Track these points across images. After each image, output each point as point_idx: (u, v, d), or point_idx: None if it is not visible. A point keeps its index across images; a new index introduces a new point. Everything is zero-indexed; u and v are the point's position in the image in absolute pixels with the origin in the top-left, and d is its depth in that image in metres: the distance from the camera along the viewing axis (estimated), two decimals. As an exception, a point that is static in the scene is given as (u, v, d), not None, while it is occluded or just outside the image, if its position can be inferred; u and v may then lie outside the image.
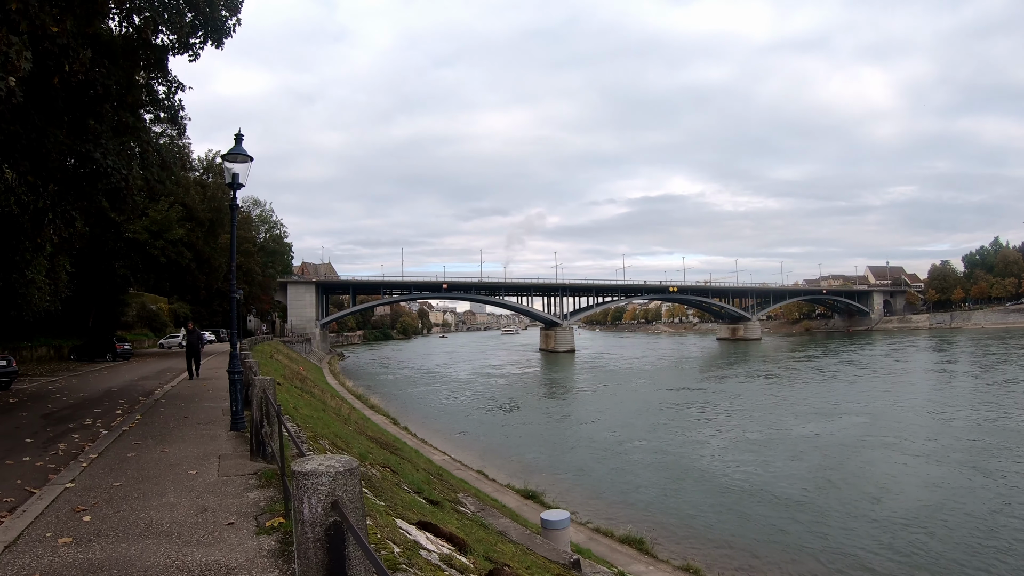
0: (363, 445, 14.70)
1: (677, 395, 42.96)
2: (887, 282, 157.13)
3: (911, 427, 28.55)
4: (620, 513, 17.10)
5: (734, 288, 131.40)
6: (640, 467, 22.74)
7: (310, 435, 10.97)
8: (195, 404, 14.32)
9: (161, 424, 11.21)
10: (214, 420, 11.60)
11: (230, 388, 10.60)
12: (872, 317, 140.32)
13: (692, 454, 24.58)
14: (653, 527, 15.70)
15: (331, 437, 12.97)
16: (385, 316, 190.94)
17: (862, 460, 23.12)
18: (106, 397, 16.62)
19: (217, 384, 18.46)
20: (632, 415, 34.57)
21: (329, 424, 16.19)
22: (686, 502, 18.40)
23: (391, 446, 18.04)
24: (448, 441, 26.52)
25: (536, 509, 15.00)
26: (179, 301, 72.99)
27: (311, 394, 24.60)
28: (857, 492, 19.05)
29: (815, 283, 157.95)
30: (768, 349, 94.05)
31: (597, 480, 21.05)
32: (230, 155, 10.50)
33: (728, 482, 20.40)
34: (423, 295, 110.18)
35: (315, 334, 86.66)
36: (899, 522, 16.25)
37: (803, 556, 14.34)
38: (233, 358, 10.56)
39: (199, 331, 23.10)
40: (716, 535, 15.74)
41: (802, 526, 16.27)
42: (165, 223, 37.66)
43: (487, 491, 16.42)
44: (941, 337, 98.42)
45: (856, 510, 17.37)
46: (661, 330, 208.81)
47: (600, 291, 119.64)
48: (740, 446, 25.84)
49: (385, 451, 16.04)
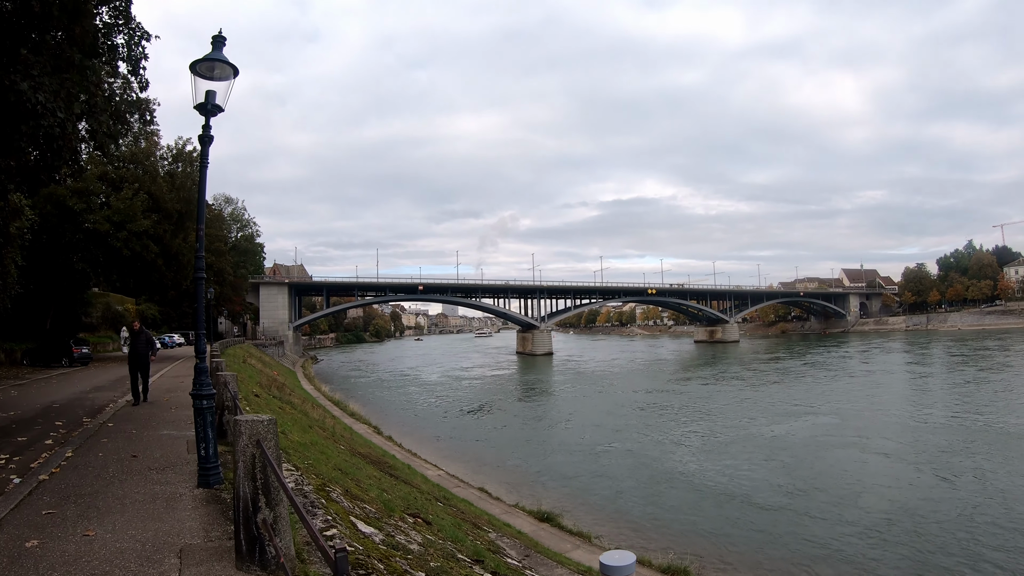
0: (374, 479, 12.27)
1: (672, 399, 41.87)
2: (862, 284, 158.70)
3: (901, 428, 28.56)
4: (644, 532, 15.98)
5: (712, 290, 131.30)
6: (649, 478, 21.44)
7: (316, 482, 8.30)
8: (151, 431, 11.28)
9: (97, 470, 7.89)
10: (175, 463, 8.33)
11: (195, 422, 7.01)
12: (848, 319, 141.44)
13: (708, 465, 22.96)
14: (685, 546, 14.44)
15: (338, 478, 10.14)
16: (358, 319, 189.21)
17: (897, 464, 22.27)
18: (42, 416, 13.69)
19: (182, 399, 15.59)
20: (626, 421, 33.27)
21: (325, 451, 13.49)
22: (710, 516, 17.19)
23: (385, 465, 16.28)
24: (436, 452, 24.65)
25: (554, 534, 13.58)
26: (147, 302, 69.94)
27: (291, 404, 22.44)
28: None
29: (791, 285, 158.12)
30: (748, 351, 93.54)
31: (606, 494, 19.59)
32: (205, 62, 6.81)
33: (740, 489, 19.55)
34: (399, 297, 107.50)
35: (288, 337, 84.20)
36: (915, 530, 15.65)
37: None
38: (200, 374, 7.02)
39: (148, 333, 16.07)
40: (747, 550, 14.82)
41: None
42: (129, 213, 34.41)
43: (495, 513, 14.74)
44: (918, 339, 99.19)
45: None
46: (636, 333, 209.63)
47: (578, 293, 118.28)
48: (746, 451, 24.89)
49: (382, 473, 14.33)
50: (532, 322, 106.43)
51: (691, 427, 30.56)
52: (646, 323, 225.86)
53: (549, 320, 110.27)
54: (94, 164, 38.29)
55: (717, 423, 31.29)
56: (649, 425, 31.48)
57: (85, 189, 35.66)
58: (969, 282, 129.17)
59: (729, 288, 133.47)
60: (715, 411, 35.30)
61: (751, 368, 63.92)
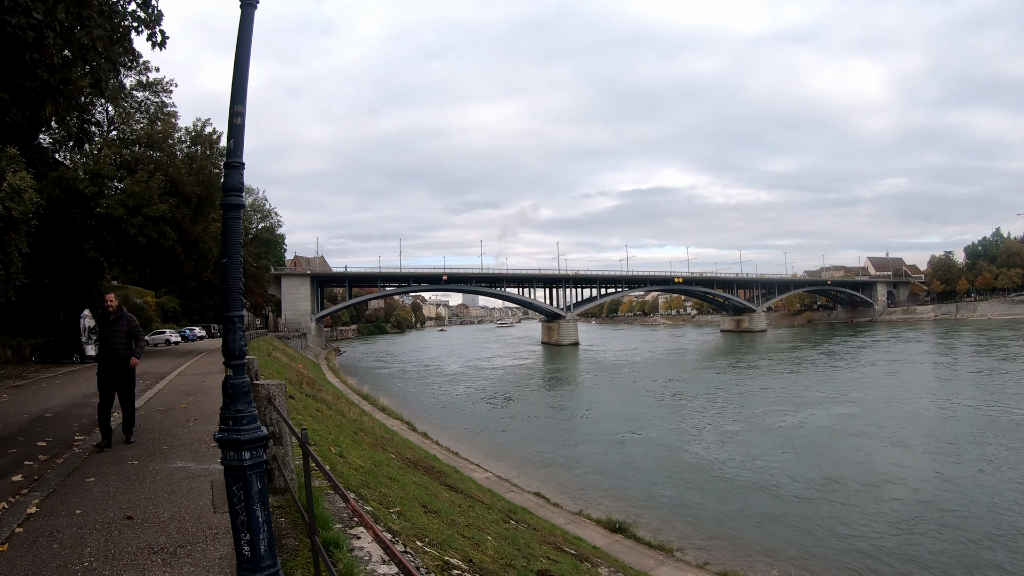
0: (457, 506, 9.89)
1: (710, 389, 40.58)
2: (888, 273, 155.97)
3: (933, 418, 27.74)
4: (719, 538, 14.75)
5: (739, 279, 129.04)
6: (706, 474, 20.35)
7: (412, 534, 5.57)
8: (159, 461, 8.05)
9: (63, 554, 4.87)
10: (192, 538, 5.24)
11: (229, 494, 3.98)
12: (876, 308, 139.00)
13: (769, 462, 21.59)
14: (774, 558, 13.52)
15: (423, 530, 7.40)
16: (379, 310, 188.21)
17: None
18: (27, 431, 10.77)
19: (205, 406, 12.83)
20: (667, 413, 32.03)
21: (393, 474, 11.05)
22: (791, 522, 16.03)
23: (434, 471, 14.98)
24: (476, 449, 23.26)
25: (631, 547, 12.56)
26: (167, 294, 67.97)
27: (326, 404, 20.41)
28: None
29: (816, 274, 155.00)
30: (777, 341, 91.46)
31: (669, 495, 18.36)
32: None
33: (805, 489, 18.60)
34: (422, 287, 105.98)
35: (310, 328, 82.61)
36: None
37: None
38: (237, 397, 4.13)
39: (132, 319, 10.05)
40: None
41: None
42: (145, 196, 31.62)
43: (559, 523, 13.52)
44: (948, 328, 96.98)
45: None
46: (659, 322, 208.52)
47: (603, 282, 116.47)
48: (807, 445, 23.85)
49: (440, 485, 12.91)
50: (558, 311, 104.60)
51: (736, 419, 29.47)
52: (669, 312, 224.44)
53: (574, 309, 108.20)
54: (107, 146, 35.91)
55: (764, 414, 30.24)
56: (691, 416, 30.63)
57: (97, 172, 33.19)
58: (998, 270, 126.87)
59: (755, 277, 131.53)
60: (761, 401, 34.37)
61: (785, 358, 62.00)
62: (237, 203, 4.07)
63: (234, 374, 4.09)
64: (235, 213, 4.04)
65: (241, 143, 4.04)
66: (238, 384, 4.07)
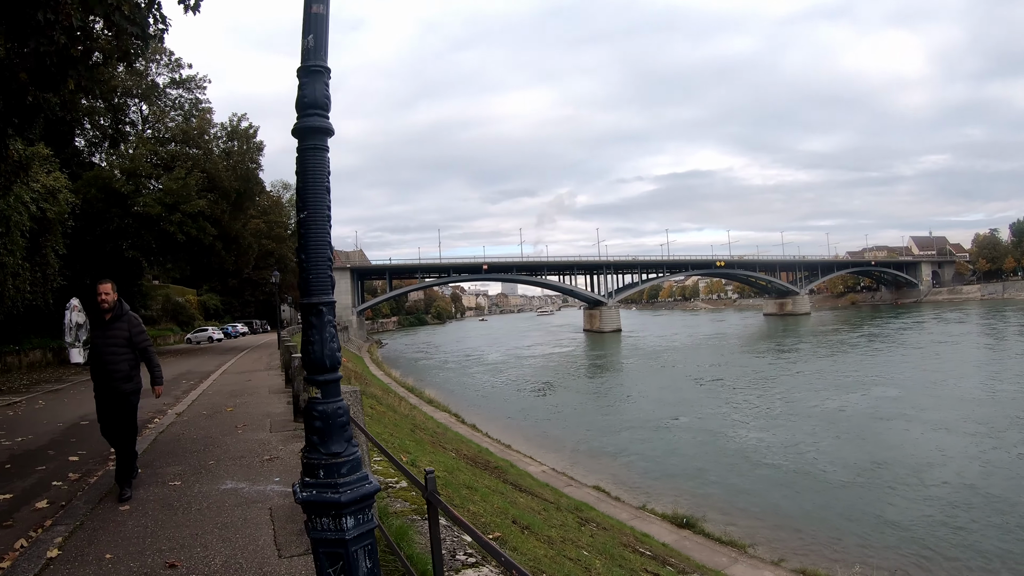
0: (537, 512, 9.42)
1: (761, 374, 38.97)
2: (932, 252, 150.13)
3: (985, 402, 26.25)
4: (790, 531, 13.99)
5: (781, 261, 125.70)
6: (767, 464, 19.38)
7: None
8: (206, 483, 6.78)
9: None
10: None
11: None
12: (921, 288, 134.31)
13: (831, 451, 20.47)
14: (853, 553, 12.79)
15: (536, 563, 6.13)
16: (419, 301, 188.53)
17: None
18: (57, 444, 9.68)
19: (254, 407, 11.72)
20: (720, 399, 30.72)
21: (462, 477, 10.24)
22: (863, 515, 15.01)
23: (488, 464, 14.54)
24: (524, 439, 22.52)
25: (701, 543, 11.89)
26: (209, 292, 68.08)
27: (377, 399, 19.74)
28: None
29: (859, 255, 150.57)
30: (821, 323, 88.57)
31: (727, 485, 17.52)
32: None
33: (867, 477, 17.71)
34: (462, 277, 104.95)
35: (352, 321, 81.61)
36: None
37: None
38: (330, 429, 2.61)
39: (134, 318, 7.03)
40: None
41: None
42: (182, 193, 31.01)
43: (623, 518, 12.87)
44: (994, 308, 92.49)
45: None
46: (700, 307, 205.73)
47: (644, 268, 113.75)
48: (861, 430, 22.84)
49: (507, 484, 12.33)
50: (599, 298, 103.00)
51: (780, 403, 28.77)
52: (710, 297, 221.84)
53: (616, 296, 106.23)
54: (142, 144, 35.31)
55: (808, 398, 29.41)
56: (735, 401, 29.83)
57: (134, 171, 32.61)
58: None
59: (798, 259, 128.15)
60: (805, 384, 33.56)
61: (830, 340, 60.11)
62: (320, 127, 2.67)
63: (324, 395, 2.64)
64: (317, 141, 2.66)
65: (323, 41, 2.69)
66: (331, 411, 2.62)
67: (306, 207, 2.59)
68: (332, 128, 2.70)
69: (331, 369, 2.54)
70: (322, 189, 2.62)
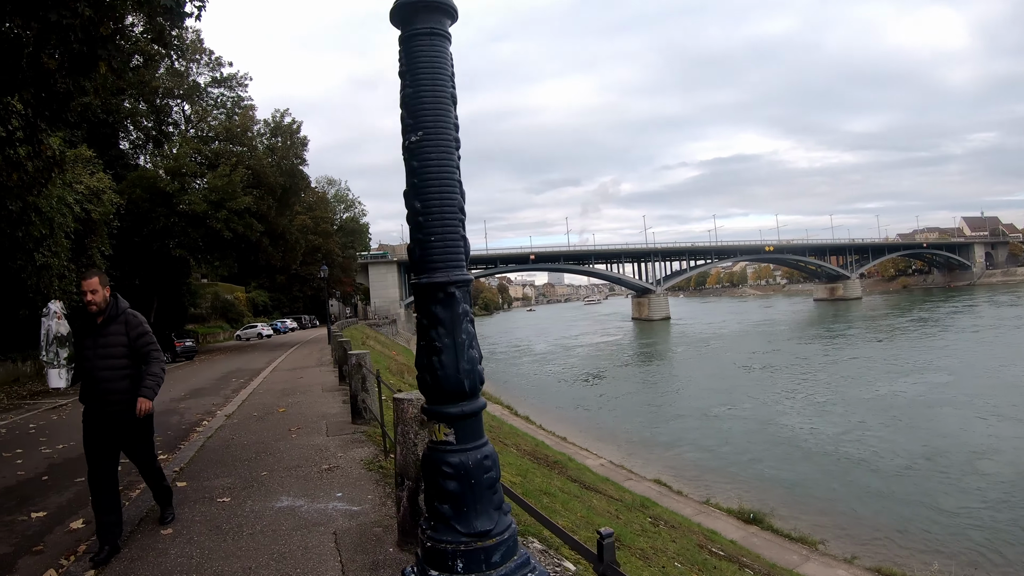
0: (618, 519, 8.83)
1: (817, 361, 38.06)
2: (985, 233, 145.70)
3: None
4: (860, 528, 13.44)
5: (831, 245, 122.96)
6: (817, 451, 19.24)
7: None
8: (258, 499, 5.87)
9: None
10: None
11: None
12: (974, 271, 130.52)
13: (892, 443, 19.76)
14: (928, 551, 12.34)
15: None
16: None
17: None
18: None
19: (308, 406, 11.05)
20: (770, 387, 30.26)
21: (536, 480, 9.76)
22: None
23: (547, 459, 14.04)
24: (578, 431, 22.23)
25: (770, 540, 11.55)
26: (257, 288, 68.41)
27: None
28: None
29: (909, 237, 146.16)
30: (874, 308, 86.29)
31: (779, 477, 17.10)
32: None
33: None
34: (509, 268, 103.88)
35: (400, 315, 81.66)
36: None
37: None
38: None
39: (137, 317, 5.12)
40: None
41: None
42: (228, 190, 30.82)
43: (687, 513, 12.57)
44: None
45: None
46: (748, 293, 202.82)
47: (692, 254, 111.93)
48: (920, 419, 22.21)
49: (567, 479, 11.87)
50: (647, 286, 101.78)
51: (830, 390, 28.34)
52: (758, 283, 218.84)
53: (664, 283, 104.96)
54: (186, 144, 35.14)
55: (859, 384, 28.91)
56: (786, 388, 29.46)
57: (178, 170, 32.39)
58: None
59: (848, 242, 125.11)
60: (856, 371, 32.94)
61: (883, 325, 58.88)
62: (437, 1, 1.73)
63: (459, 437, 1.67)
64: (433, 24, 1.73)
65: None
66: (473, 464, 1.60)
67: (420, 126, 1.65)
68: (454, 7, 1.73)
69: (470, 395, 1.57)
70: (444, 96, 1.67)
